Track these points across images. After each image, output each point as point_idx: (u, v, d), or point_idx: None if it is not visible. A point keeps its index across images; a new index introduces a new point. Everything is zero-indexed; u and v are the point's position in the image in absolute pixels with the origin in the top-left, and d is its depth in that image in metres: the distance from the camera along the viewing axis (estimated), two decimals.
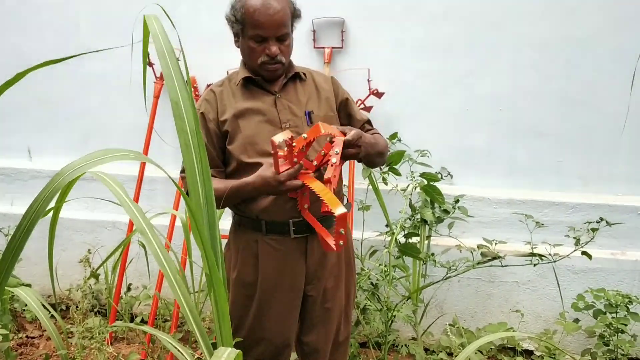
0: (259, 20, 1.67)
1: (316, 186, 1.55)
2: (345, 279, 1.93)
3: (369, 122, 1.98)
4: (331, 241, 1.56)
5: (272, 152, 1.53)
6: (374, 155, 1.77)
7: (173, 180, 1.24)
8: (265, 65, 1.74)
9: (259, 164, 1.69)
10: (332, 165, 1.55)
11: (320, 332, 1.92)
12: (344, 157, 1.63)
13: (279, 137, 1.52)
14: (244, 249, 1.84)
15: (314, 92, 1.86)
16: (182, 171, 1.85)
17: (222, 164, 1.83)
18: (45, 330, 3.01)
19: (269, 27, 1.68)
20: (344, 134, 1.60)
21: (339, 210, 1.44)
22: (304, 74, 1.88)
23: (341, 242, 1.51)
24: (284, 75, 1.83)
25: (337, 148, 1.55)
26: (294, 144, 1.54)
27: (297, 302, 1.87)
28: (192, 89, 3.07)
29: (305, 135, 1.56)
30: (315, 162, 1.69)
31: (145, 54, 1.40)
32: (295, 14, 1.78)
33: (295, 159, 1.59)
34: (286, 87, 1.83)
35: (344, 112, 1.92)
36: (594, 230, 2.49)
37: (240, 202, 1.79)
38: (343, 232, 1.49)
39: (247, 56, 1.78)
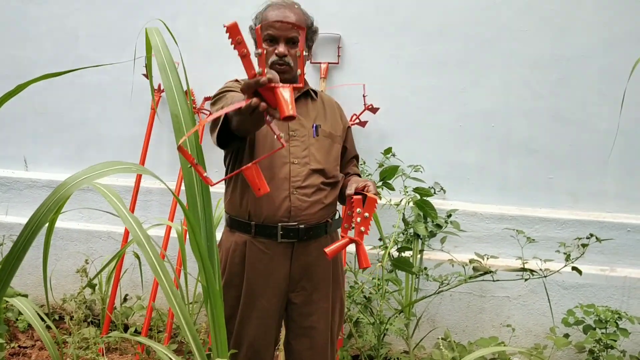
0: (271, 20, 1.80)
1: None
2: (332, 295, 1.95)
3: (357, 158, 2.13)
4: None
5: (233, 40, 1.22)
6: None
7: (173, 193, 1.26)
8: (274, 66, 1.80)
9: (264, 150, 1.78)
10: (357, 224, 1.57)
11: (304, 343, 1.94)
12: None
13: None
14: (234, 250, 1.88)
15: (322, 111, 1.96)
16: (214, 100, 1.83)
17: None
18: (37, 340, 3.00)
19: (279, 27, 1.79)
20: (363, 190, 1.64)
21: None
22: (315, 94, 1.98)
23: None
24: (298, 89, 1.89)
25: (359, 209, 1.58)
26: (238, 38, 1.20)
27: (279, 306, 1.90)
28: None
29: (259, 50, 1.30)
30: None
31: (150, 65, 1.43)
32: (311, 28, 1.91)
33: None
34: (298, 102, 1.91)
35: (344, 142, 2.02)
36: (584, 246, 2.52)
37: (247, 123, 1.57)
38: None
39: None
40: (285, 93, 1.20)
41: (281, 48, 1.79)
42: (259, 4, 1.91)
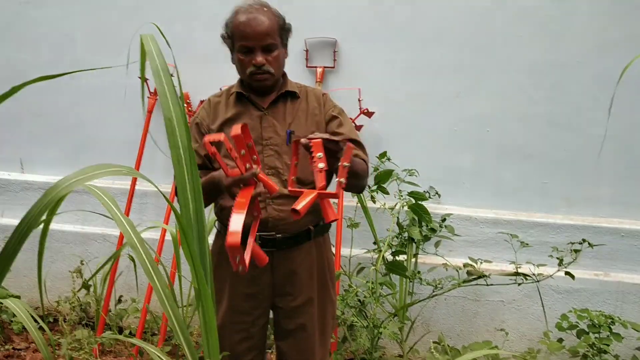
0: (244, 31, 1.75)
1: (239, 198, 1.45)
2: (319, 298, 1.95)
3: (357, 143, 1.90)
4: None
5: (210, 152, 1.48)
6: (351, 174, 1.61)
7: (164, 196, 1.27)
8: (254, 75, 1.79)
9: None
10: (320, 172, 1.45)
11: (290, 344, 1.95)
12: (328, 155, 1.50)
13: (210, 137, 1.49)
14: (219, 254, 1.89)
15: (303, 111, 1.88)
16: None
17: (212, 168, 1.86)
18: (32, 342, 3.00)
19: (253, 37, 1.75)
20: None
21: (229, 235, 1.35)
22: (298, 93, 1.89)
23: (240, 268, 1.43)
24: (276, 92, 1.87)
25: (319, 152, 1.46)
26: (229, 146, 1.46)
27: (263, 312, 1.92)
28: (185, 105, 3.11)
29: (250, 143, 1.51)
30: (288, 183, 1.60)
31: (143, 74, 1.43)
32: (284, 28, 1.84)
33: (248, 165, 1.49)
34: (275, 105, 1.86)
35: (330, 130, 1.87)
36: (576, 251, 2.54)
37: (214, 198, 1.85)
38: (238, 260, 1.41)
39: (239, 69, 1.85)
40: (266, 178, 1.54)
41: (259, 58, 1.76)
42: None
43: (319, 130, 1.85)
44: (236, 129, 1.44)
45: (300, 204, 1.39)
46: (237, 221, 1.36)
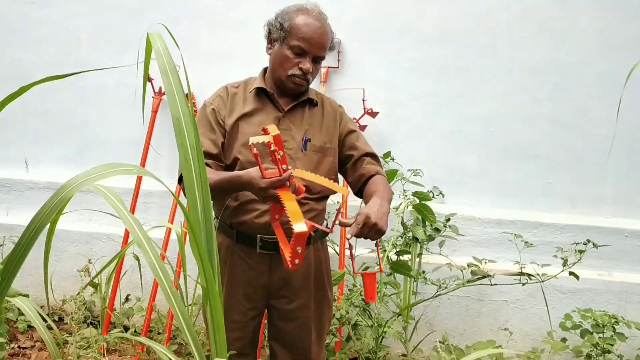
0: (307, 34, 1.74)
1: (287, 200, 1.49)
2: (316, 302, 1.94)
3: (373, 156, 1.96)
4: (287, 257, 1.49)
5: (252, 153, 1.50)
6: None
7: (173, 194, 1.28)
8: (294, 78, 1.78)
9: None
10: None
11: (284, 346, 1.95)
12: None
13: (257, 139, 1.49)
14: (217, 252, 1.88)
15: (318, 120, 1.89)
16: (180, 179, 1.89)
17: (223, 159, 1.85)
18: (37, 341, 3.01)
19: (313, 43, 1.75)
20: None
21: (298, 226, 1.39)
22: (316, 101, 1.90)
23: (297, 261, 1.45)
24: (298, 97, 1.87)
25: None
26: (272, 148, 1.48)
27: (257, 311, 1.92)
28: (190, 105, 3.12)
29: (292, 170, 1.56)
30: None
31: (147, 71, 1.44)
32: (331, 46, 1.85)
33: (284, 166, 1.53)
34: (294, 109, 1.86)
35: (348, 144, 1.93)
36: (580, 252, 2.54)
37: (229, 195, 1.80)
38: (300, 251, 1.44)
39: (278, 64, 1.81)
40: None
41: (308, 64, 1.76)
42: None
43: (331, 142, 1.89)
44: (275, 129, 1.47)
45: (367, 293, 1.63)
46: (301, 226, 1.42)
